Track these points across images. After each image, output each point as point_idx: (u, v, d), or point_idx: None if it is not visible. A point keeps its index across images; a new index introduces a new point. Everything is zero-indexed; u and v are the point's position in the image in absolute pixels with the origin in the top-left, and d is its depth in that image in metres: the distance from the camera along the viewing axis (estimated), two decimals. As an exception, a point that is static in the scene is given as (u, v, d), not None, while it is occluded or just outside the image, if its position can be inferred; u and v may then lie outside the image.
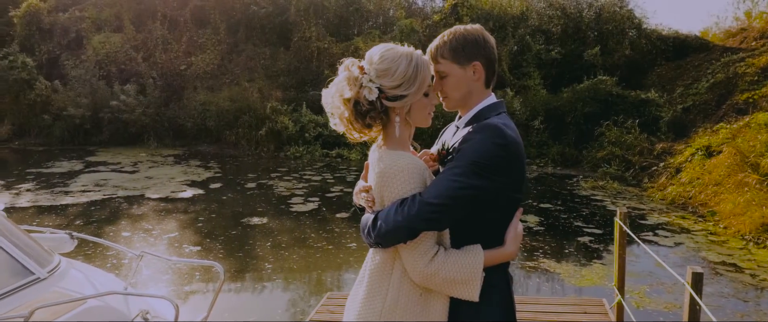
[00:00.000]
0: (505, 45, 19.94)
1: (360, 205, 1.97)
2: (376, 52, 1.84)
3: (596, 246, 8.33)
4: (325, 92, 1.90)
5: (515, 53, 20.01)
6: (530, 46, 19.76)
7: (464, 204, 1.72)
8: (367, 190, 1.89)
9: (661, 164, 13.38)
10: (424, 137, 6.08)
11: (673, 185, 12.09)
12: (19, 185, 12.14)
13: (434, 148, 2.03)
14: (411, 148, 2.00)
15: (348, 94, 1.82)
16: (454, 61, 1.88)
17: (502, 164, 1.73)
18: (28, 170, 14.17)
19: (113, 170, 14.22)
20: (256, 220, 9.55)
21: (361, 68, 1.83)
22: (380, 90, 1.80)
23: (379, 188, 1.80)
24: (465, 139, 1.79)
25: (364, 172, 2.01)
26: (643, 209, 10.85)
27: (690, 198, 11.25)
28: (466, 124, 1.91)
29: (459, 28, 1.93)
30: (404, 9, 23.75)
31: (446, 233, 1.82)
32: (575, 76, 18.27)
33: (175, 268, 7.00)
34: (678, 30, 20.43)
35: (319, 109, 16.71)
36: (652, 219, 10.09)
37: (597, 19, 20.37)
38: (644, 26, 20.50)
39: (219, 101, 19.30)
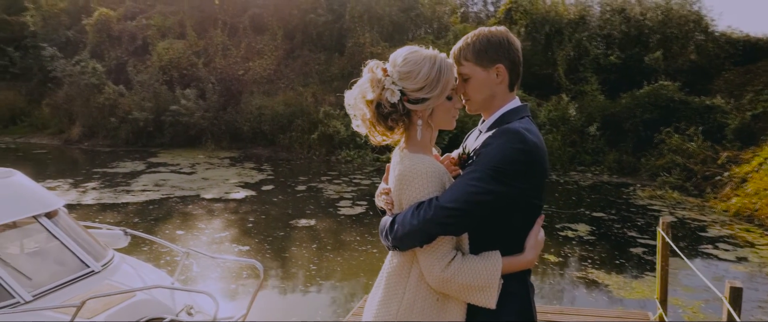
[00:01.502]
0: (562, 49, 19.49)
1: (382, 207, 1.97)
2: (399, 55, 1.83)
3: (650, 258, 7.99)
4: (347, 93, 1.90)
5: (572, 58, 19.52)
6: (588, 50, 19.23)
7: (482, 209, 1.69)
8: (387, 192, 1.90)
9: (726, 174, 12.71)
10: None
11: (738, 195, 11.45)
12: (86, 184, 12.85)
13: (455, 153, 2.01)
14: (433, 152, 1.99)
15: (370, 95, 1.81)
16: (477, 63, 1.85)
17: (522, 170, 1.69)
18: (94, 170, 14.96)
19: (172, 171, 14.81)
20: (303, 222, 9.72)
21: (385, 70, 1.82)
22: (402, 93, 1.78)
23: (398, 191, 1.80)
24: (485, 144, 1.76)
25: (385, 174, 2.01)
26: (704, 221, 10.33)
27: (756, 210, 10.62)
28: (489, 129, 1.88)
29: (483, 30, 1.90)
30: (459, 14, 23.65)
31: (465, 238, 1.79)
32: (635, 82, 17.61)
33: (224, 266, 7.21)
34: (749, 33, 19.38)
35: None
36: (713, 231, 9.59)
37: (660, 22, 19.60)
38: (711, 30, 19.56)
39: (274, 105, 19.76)
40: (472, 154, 1.84)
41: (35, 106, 22.96)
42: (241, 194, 12.06)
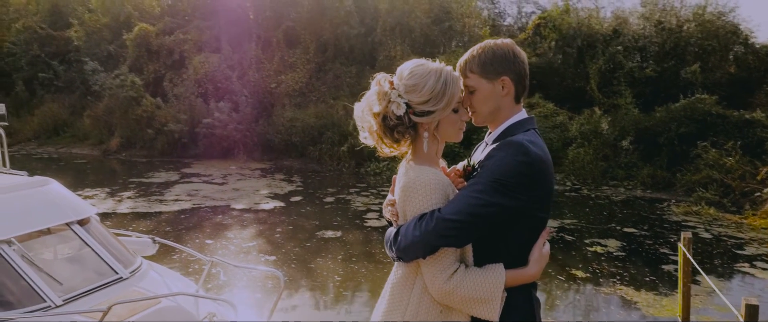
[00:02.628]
0: (595, 63, 19.22)
1: (389, 219, 2.00)
2: (406, 68, 1.86)
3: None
4: (356, 106, 1.95)
5: (605, 71, 19.21)
6: (622, 63, 18.91)
7: (483, 222, 1.70)
8: (393, 204, 1.93)
9: (766, 190, 12.28)
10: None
11: (779, 213, 11.05)
12: (122, 193, 13.23)
13: (461, 165, 2.03)
14: (441, 164, 2.01)
15: (377, 108, 1.85)
16: (483, 75, 1.87)
17: (525, 182, 1.70)
18: (130, 179, 15.39)
19: (204, 181, 15.12)
20: (330, 233, 9.79)
21: (391, 83, 1.86)
22: (408, 105, 1.81)
23: (402, 202, 1.83)
24: (488, 156, 1.78)
25: (392, 185, 2.04)
26: (742, 238, 10.00)
27: (798, 228, 10.23)
28: (494, 141, 1.89)
29: (489, 42, 1.92)
30: (490, 27, 23.58)
31: (469, 250, 1.80)
32: (671, 95, 17.22)
33: (249, 275, 7.32)
34: (792, 45, 18.75)
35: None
36: (751, 249, 9.27)
37: (698, 34, 19.16)
38: (751, 41, 19.02)
39: (305, 118, 20.02)
40: (476, 167, 1.85)
41: (77, 117, 23.78)
42: (270, 204, 12.23)
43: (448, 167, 2.02)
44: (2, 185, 4.73)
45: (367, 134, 1.92)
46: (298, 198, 13.08)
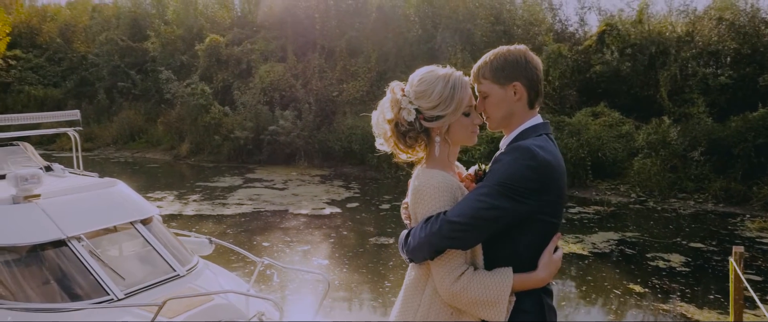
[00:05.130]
0: (666, 70, 18.41)
1: (405, 221, 2.08)
2: (417, 75, 1.93)
3: (749, 294, 7.32)
4: (373, 114, 2.04)
5: (676, 79, 18.37)
6: (695, 70, 18.03)
7: (488, 225, 1.72)
8: (407, 206, 1.99)
9: None
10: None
11: None
12: (189, 196, 13.89)
13: (473, 169, 2.07)
14: (457, 168, 2.05)
15: (389, 115, 1.93)
16: (495, 81, 1.90)
17: (532, 187, 1.71)
18: (197, 184, 16.13)
19: (266, 186, 15.62)
20: (383, 239, 9.89)
21: (403, 90, 1.94)
22: (418, 111, 1.87)
23: (413, 205, 1.89)
24: (496, 160, 1.81)
25: (409, 189, 2.10)
26: (823, 258, 9.30)
27: None
28: (508, 146, 1.93)
29: (502, 48, 1.95)
30: (553, 34, 23.10)
31: (479, 253, 1.83)
32: (749, 103, 16.24)
33: (302, 278, 7.53)
34: None
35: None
36: (833, 270, 8.61)
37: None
38: (841, 44, 17.66)
39: (365, 125, 20.25)
40: (487, 171, 1.89)
41: (151, 124, 25.14)
42: (327, 210, 12.49)
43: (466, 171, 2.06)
44: (75, 185, 5.12)
45: (383, 141, 1.99)
46: (354, 204, 13.28)
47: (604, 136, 16.33)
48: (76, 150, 5.79)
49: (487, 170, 1.90)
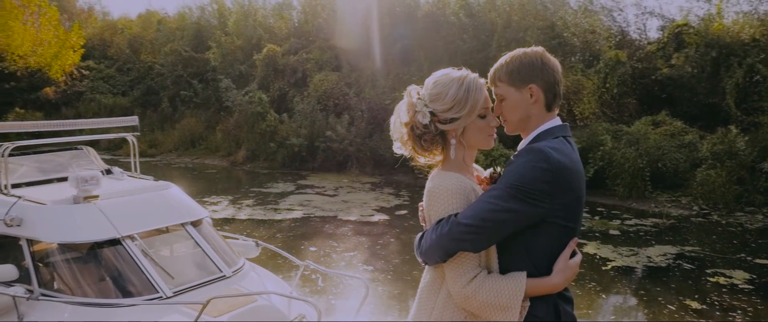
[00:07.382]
0: (732, 76, 17.50)
1: (421, 223, 2.10)
2: (432, 78, 1.95)
3: (821, 315, 6.87)
4: (391, 118, 2.07)
5: (745, 85, 17.41)
6: (765, 76, 17.04)
7: (499, 227, 1.71)
8: (422, 209, 2.01)
9: None
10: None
11: None
12: (243, 201, 14.31)
13: (488, 172, 2.06)
14: (475, 171, 2.05)
15: (405, 118, 1.95)
16: (510, 83, 1.90)
17: (544, 189, 1.69)
18: (252, 189, 16.58)
19: (317, 193, 15.88)
20: (430, 247, 9.85)
21: (419, 94, 1.96)
22: (433, 114, 1.89)
23: (427, 207, 1.91)
24: (509, 162, 1.81)
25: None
26: None
27: None
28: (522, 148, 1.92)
29: (518, 51, 1.95)
30: (612, 41, 22.42)
31: (494, 257, 1.82)
32: (826, 112, 15.26)
33: (346, 282, 7.61)
34: None
35: (512, 142, 16.52)
36: None
37: None
38: None
39: (416, 134, 20.28)
40: (502, 173, 1.89)
41: (211, 131, 26.04)
42: (375, 217, 12.57)
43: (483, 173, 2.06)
44: (130, 187, 5.40)
45: (400, 144, 2.01)
46: (403, 212, 13.30)
47: (665, 145, 15.70)
48: (134, 154, 6.09)
49: (501, 173, 1.90)
